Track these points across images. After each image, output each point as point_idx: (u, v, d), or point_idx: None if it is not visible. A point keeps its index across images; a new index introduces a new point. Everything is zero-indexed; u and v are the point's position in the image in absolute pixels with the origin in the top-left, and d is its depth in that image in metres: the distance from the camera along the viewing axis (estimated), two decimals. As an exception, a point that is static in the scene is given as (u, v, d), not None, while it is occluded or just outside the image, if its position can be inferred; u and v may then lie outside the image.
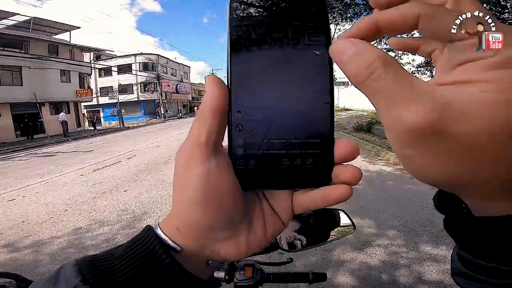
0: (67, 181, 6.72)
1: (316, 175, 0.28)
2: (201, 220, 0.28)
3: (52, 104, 22.24)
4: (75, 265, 0.28)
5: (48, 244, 3.57)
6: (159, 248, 0.28)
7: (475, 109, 0.18)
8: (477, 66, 0.19)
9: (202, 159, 0.27)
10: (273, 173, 0.28)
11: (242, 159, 0.28)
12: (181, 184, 0.28)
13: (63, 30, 24.02)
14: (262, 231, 0.31)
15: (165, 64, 38.12)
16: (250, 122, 0.27)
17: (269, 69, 0.27)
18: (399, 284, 2.39)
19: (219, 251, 0.30)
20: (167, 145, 11.43)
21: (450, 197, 0.24)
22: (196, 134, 0.27)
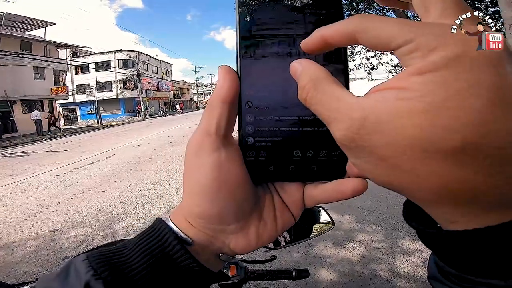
0: (41, 181, 6.45)
1: (330, 168, 0.27)
2: (211, 212, 0.28)
3: (24, 102, 21.24)
4: (85, 259, 0.27)
5: (23, 247, 3.43)
6: (172, 240, 0.28)
7: (388, 120, 0.18)
8: (403, 73, 0.19)
9: (212, 149, 0.27)
10: (284, 165, 0.27)
11: (252, 151, 0.27)
12: (191, 174, 0.28)
13: (38, 26, 23.01)
14: (273, 224, 0.31)
15: (146, 61, 37.26)
16: (260, 113, 0.27)
17: (280, 59, 0.26)
18: (380, 277, 2.46)
19: (229, 244, 0.30)
20: (148, 143, 11.19)
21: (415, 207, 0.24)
22: (206, 124, 0.27)
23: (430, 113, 0.17)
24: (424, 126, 0.17)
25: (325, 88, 0.22)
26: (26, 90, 20.78)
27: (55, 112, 25.35)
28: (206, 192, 0.27)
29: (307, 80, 0.23)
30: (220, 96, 0.26)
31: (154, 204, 4.49)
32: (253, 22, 0.27)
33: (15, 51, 19.62)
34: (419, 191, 0.19)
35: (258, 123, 0.27)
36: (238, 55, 0.27)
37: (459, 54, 0.17)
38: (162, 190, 5.11)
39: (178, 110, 41.21)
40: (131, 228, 3.70)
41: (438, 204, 0.20)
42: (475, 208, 0.19)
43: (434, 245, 0.22)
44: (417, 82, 0.17)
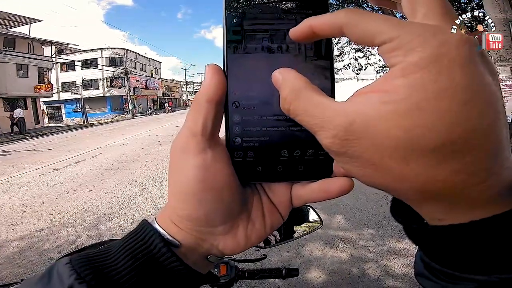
0: (24, 181, 6.27)
1: (317, 167, 0.27)
2: (198, 213, 0.27)
3: (6, 100, 20.62)
4: (68, 262, 0.26)
5: (6, 248, 3.34)
6: (158, 242, 0.27)
7: (374, 123, 0.18)
8: (386, 76, 0.19)
9: (198, 150, 0.26)
10: (272, 165, 0.27)
11: (240, 151, 0.27)
12: (177, 175, 0.27)
13: (22, 23, 22.35)
14: (261, 224, 0.30)
15: (134, 59, 36.73)
16: (247, 113, 0.27)
17: (267, 58, 0.26)
18: (368, 276, 2.49)
19: (218, 245, 0.29)
20: (135, 142, 11.04)
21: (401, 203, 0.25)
22: (192, 124, 0.26)
23: (411, 115, 0.17)
24: (406, 128, 0.17)
25: (307, 97, 0.22)
26: (9, 88, 20.18)
27: (39, 110, 24.71)
28: (192, 194, 0.27)
29: (288, 90, 0.23)
30: (207, 95, 0.26)
31: (142, 204, 4.43)
32: (240, 22, 0.26)
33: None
34: (405, 190, 0.20)
35: (245, 123, 0.27)
36: (224, 55, 0.27)
37: (438, 55, 0.17)
38: (150, 190, 5.05)
39: (167, 109, 40.77)
40: (118, 228, 3.64)
41: (424, 203, 0.20)
42: (460, 206, 0.19)
43: (420, 241, 0.23)
44: (399, 84, 0.18)
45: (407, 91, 0.17)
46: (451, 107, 0.17)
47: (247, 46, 0.26)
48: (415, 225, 0.22)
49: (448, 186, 0.18)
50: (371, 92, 0.19)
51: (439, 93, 0.17)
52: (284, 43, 0.26)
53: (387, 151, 0.18)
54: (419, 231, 0.22)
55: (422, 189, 0.19)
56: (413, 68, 0.18)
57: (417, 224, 0.23)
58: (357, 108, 0.19)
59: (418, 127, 0.17)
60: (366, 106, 0.19)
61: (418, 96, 0.17)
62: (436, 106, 0.17)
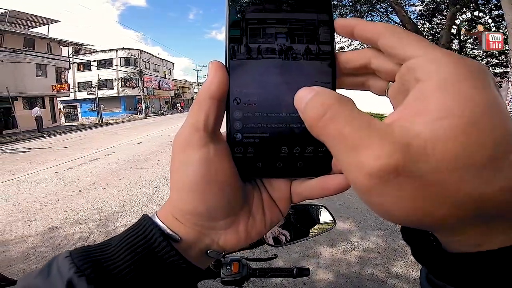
0: (41, 178, 6.45)
1: (316, 164, 0.27)
2: (199, 208, 0.27)
3: (26, 99, 21.25)
4: (68, 256, 0.26)
5: (21, 243, 3.43)
6: (158, 236, 0.27)
7: (434, 143, 0.17)
8: (424, 93, 0.19)
9: (200, 144, 0.26)
10: (272, 161, 0.28)
11: (240, 147, 0.28)
12: (179, 170, 0.27)
13: (41, 23, 23.02)
14: (261, 220, 0.31)
15: (147, 59, 37.29)
16: (249, 109, 0.27)
17: (269, 55, 0.27)
18: (377, 279, 2.45)
19: (218, 240, 0.30)
20: (148, 141, 11.19)
21: (417, 230, 0.24)
22: (194, 120, 0.26)
23: (468, 131, 0.17)
24: (464, 145, 0.17)
25: (352, 109, 0.21)
26: (28, 87, 20.79)
27: (56, 109, 25.35)
28: (194, 189, 0.27)
29: (328, 99, 0.21)
30: (209, 91, 0.26)
31: (154, 202, 4.48)
32: (242, 19, 0.27)
33: (18, 48, 19.64)
34: (450, 215, 0.18)
35: (246, 120, 0.27)
36: (226, 51, 0.27)
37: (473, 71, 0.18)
38: (162, 189, 5.11)
39: (178, 109, 41.18)
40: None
41: (463, 228, 0.19)
42: (500, 228, 0.19)
43: (439, 267, 0.22)
44: (448, 100, 0.18)
45: (460, 107, 0.17)
46: (500, 122, 0.17)
47: (249, 43, 0.27)
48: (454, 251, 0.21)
49: (496, 205, 0.17)
50: (416, 113, 0.18)
51: (490, 108, 0.17)
52: (286, 41, 0.27)
53: (445, 172, 0.17)
54: (439, 255, 0.22)
55: (469, 210, 0.18)
56: (453, 82, 0.18)
57: (430, 247, 0.22)
58: (409, 127, 0.18)
59: (474, 143, 0.17)
60: (419, 126, 0.18)
61: (471, 111, 0.17)
62: (488, 121, 0.17)
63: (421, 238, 0.24)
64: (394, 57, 0.23)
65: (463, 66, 0.18)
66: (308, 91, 0.23)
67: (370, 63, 0.26)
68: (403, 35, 0.22)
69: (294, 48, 0.27)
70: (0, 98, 18.22)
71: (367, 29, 0.24)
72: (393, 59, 0.23)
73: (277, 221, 0.32)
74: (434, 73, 0.19)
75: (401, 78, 0.22)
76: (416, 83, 0.20)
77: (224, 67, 0.27)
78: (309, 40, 0.27)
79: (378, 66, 0.25)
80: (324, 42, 0.27)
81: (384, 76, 0.26)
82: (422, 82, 0.19)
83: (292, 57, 0.27)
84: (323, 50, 0.27)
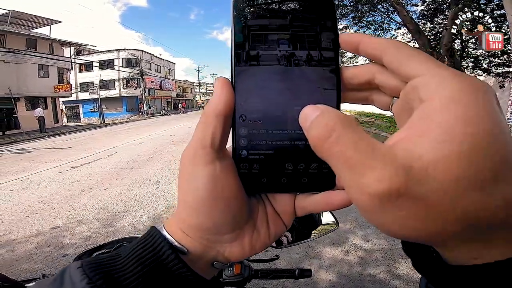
0: (43, 178, 6.48)
1: (320, 180, 0.28)
2: (206, 223, 0.28)
3: (28, 99, 21.33)
4: (80, 266, 0.27)
5: (24, 243, 3.44)
6: (167, 249, 0.28)
7: (436, 166, 0.18)
8: (426, 113, 0.19)
9: (207, 161, 0.27)
10: (276, 177, 0.28)
11: (246, 163, 0.28)
12: (187, 186, 0.28)
13: (43, 24, 23.13)
14: (266, 232, 0.31)
15: (149, 60, 37.34)
16: (254, 126, 0.27)
17: (273, 73, 0.27)
18: (379, 279, 2.45)
19: (224, 252, 0.30)
20: (150, 142, 11.22)
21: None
22: (201, 137, 0.27)
23: (469, 152, 0.17)
24: (466, 164, 0.17)
25: (357, 130, 0.21)
26: (30, 88, 20.88)
27: (58, 109, 25.43)
28: (201, 205, 0.27)
29: (333, 120, 0.22)
30: (216, 109, 0.26)
31: (156, 203, 4.49)
32: (248, 36, 0.27)
33: (21, 49, 19.72)
34: (451, 231, 0.19)
35: (251, 137, 0.27)
36: (232, 68, 0.27)
37: (476, 91, 0.19)
38: (164, 189, 5.12)
39: (180, 109, 41.24)
40: (133, 226, 3.71)
41: (463, 242, 0.20)
42: (498, 242, 0.20)
43: (440, 278, 0.23)
44: (448, 122, 0.18)
45: (462, 130, 0.17)
46: (501, 143, 0.17)
47: (255, 62, 0.27)
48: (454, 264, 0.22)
49: (493, 222, 0.18)
50: (419, 135, 0.19)
51: (492, 130, 0.17)
52: (292, 57, 0.27)
53: (446, 193, 0.18)
54: (440, 267, 0.22)
55: (472, 226, 0.18)
56: (456, 103, 0.18)
57: (428, 261, 0.23)
58: (412, 149, 0.19)
59: (474, 165, 0.17)
60: (421, 149, 0.18)
61: (473, 134, 0.17)
62: (489, 143, 0.17)
63: (421, 250, 0.24)
64: (399, 75, 0.23)
65: (467, 86, 0.19)
66: (313, 109, 0.24)
67: (374, 79, 0.26)
68: (408, 52, 0.22)
69: (298, 67, 0.27)
70: (3, 98, 18.29)
71: (372, 45, 0.25)
72: (398, 76, 0.23)
73: (281, 233, 0.32)
74: (438, 94, 0.19)
75: (405, 96, 0.23)
76: (420, 103, 0.20)
77: (230, 84, 0.27)
78: (313, 58, 0.27)
79: (383, 82, 0.26)
80: (330, 59, 0.27)
81: (389, 92, 0.26)
82: (426, 103, 0.19)
83: (296, 75, 0.27)
84: (329, 68, 0.27)
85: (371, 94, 0.28)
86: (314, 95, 0.27)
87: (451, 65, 8.05)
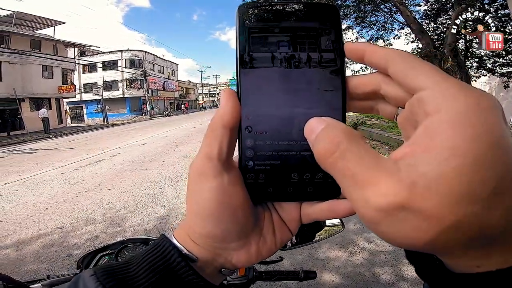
0: (47, 179, 6.52)
1: (325, 189, 0.28)
2: (214, 232, 0.29)
3: (32, 100, 21.51)
4: (93, 274, 0.27)
5: (29, 243, 3.47)
6: (177, 257, 0.29)
7: (439, 181, 0.18)
8: (430, 129, 0.19)
9: (215, 174, 0.27)
10: (282, 187, 0.28)
11: (252, 173, 0.28)
12: (196, 197, 0.29)
13: (47, 25, 23.31)
14: (272, 240, 0.32)
15: (152, 61, 37.53)
16: (259, 137, 0.27)
17: (279, 84, 0.27)
18: (383, 280, 2.44)
19: (231, 259, 0.31)
20: (153, 143, 11.26)
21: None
22: (208, 149, 0.28)
23: (472, 168, 0.17)
24: (468, 180, 0.17)
25: (362, 145, 0.21)
26: (35, 88, 21.06)
27: (62, 110, 25.60)
28: (209, 215, 0.28)
29: (339, 134, 0.22)
30: (223, 121, 0.27)
31: (159, 203, 4.51)
32: (253, 47, 0.27)
33: (25, 50, 19.88)
34: (454, 242, 0.19)
35: (257, 148, 0.28)
36: (238, 79, 0.28)
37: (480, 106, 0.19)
38: (167, 190, 5.14)
39: (183, 110, 41.34)
40: (136, 226, 3.72)
41: (466, 251, 0.20)
42: (499, 251, 0.20)
43: (443, 285, 0.23)
44: (453, 139, 0.18)
45: (466, 146, 0.18)
46: (504, 159, 0.18)
47: (260, 70, 0.27)
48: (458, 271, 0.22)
49: (495, 232, 0.19)
50: (424, 150, 0.19)
51: (496, 145, 0.18)
52: (297, 68, 0.27)
53: (449, 206, 0.18)
54: (443, 275, 0.23)
55: (473, 237, 0.19)
56: (461, 119, 0.18)
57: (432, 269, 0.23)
58: (416, 164, 0.19)
59: (477, 180, 0.17)
60: (425, 165, 0.18)
61: (477, 150, 0.17)
62: (492, 158, 0.17)
63: (424, 258, 0.25)
64: (405, 86, 0.23)
65: (473, 102, 0.19)
66: (318, 122, 0.24)
67: (380, 89, 0.26)
68: (414, 64, 0.22)
69: (303, 77, 0.27)
70: (8, 99, 18.47)
71: (378, 55, 0.24)
72: (403, 88, 0.23)
73: (287, 240, 0.33)
74: (443, 109, 0.19)
75: (411, 108, 0.23)
76: (426, 117, 0.20)
77: (236, 95, 0.27)
78: (319, 69, 0.27)
79: (388, 92, 0.26)
80: (336, 69, 0.27)
81: (394, 102, 0.26)
82: (432, 118, 0.19)
83: (301, 85, 0.27)
84: (335, 78, 0.27)
85: (376, 104, 0.28)
86: (319, 106, 0.27)
87: (455, 65, 8.02)
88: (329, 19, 0.27)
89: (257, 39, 0.27)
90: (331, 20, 0.27)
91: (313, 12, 0.27)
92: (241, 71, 0.27)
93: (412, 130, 0.21)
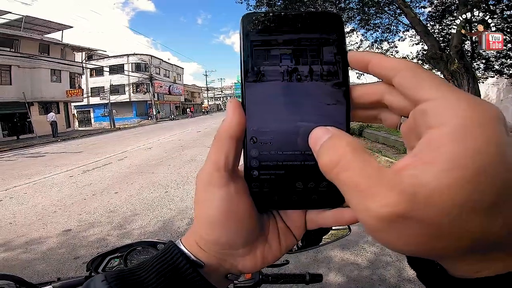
0: (56, 182, 6.60)
1: (330, 197, 0.28)
2: (221, 239, 0.30)
3: (41, 104, 21.80)
4: (104, 280, 0.28)
5: (38, 245, 3.52)
6: (185, 263, 0.30)
7: (440, 193, 0.18)
8: (433, 141, 0.20)
9: (221, 184, 0.28)
10: (287, 195, 0.29)
11: (257, 183, 0.29)
12: (203, 206, 0.30)
13: (55, 29, 23.69)
14: (277, 246, 0.33)
15: (158, 65, 37.84)
16: (264, 147, 0.28)
17: (284, 94, 0.27)
18: (389, 283, 2.42)
19: (237, 265, 0.32)
20: (159, 146, 11.34)
21: None
22: (215, 159, 0.28)
23: (473, 180, 0.18)
24: (469, 192, 0.18)
25: (365, 157, 0.22)
26: (43, 92, 21.35)
27: (70, 114, 25.89)
28: (216, 223, 0.29)
29: (343, 146, 0.23)
30: (229, 132, 0.27)
31: (165, 206, 4.53)
32: (257, 57, 0.28)
33: (34, 54, 20.21)
34: (455, 249, 0.20)
35: (262, 158, 0.28)
36: (243, 90, 0.28)
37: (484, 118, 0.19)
38: (173, 193, 5.17)
39: (188, 114, 41.47)
40: (143, 229, 3.75)
41: (467, 258, 0.21)
42: (498, 257, 0.21)
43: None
44: (454, 152, 0.18)
45: (468, 158, 0.18)
46: (505, 171, 0.18)
47: (265, 81, 0.28)
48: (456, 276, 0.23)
49: (495, 239, 0.19)
50: (426, 162, 0.19)
51: (498, 157, 0.18)
52: (301, 77, 0.27)
53: (449, 216, 0.18)
54: (445, 280, 0.23)
55: (473, 245, 0.19)
56: (463, 132, 0.19)
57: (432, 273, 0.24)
58: (417, 176, 0.19)
59: (478, 192, 0.18)
60: (426, 177, 0.19)
61: (478, 162, 0.18)
62: (493, 170, 0.18)
63: (425, 263, 0.25)
64: (408, 97, 0.23)
65: (476, 112, 0.19)
66: (323, 132, 0.25)
67: (383, 99, 0.27)
68: (418, 75, 0.23)
69: (307, 87, 0.27)
70: (17, 103, 18.76)
71: (382, 65, 0.25)
72: (408, 98, 0.24)
73: (292, 246, 0.34)
74: (446, 121, 0.19)
75: (414, 118, 0.23)
76: (429, 128, 0.20)
77: (241, 105, 0.28)
78: (323, 78, 0.27)
79: (392, 102, 0.26)
80: (340, 80, 0.27)
81: (397, 112, 0.26)
82: (434, 130, 0.20)
83: (305, 95, 0.27)
84: (338, 88, 0.27)
85: (380, 113, 0.29)
86: (323, 115, 0.27)
87: (461, 67, 7.92)
88: (334, 29, 0.27)
89: (260, 50, 0.28)
90: (335, 29, 0.27)
91: (318, 22, 0.27)
92: (246, 83, 0.28)
93: (415, 140, 0.22)
